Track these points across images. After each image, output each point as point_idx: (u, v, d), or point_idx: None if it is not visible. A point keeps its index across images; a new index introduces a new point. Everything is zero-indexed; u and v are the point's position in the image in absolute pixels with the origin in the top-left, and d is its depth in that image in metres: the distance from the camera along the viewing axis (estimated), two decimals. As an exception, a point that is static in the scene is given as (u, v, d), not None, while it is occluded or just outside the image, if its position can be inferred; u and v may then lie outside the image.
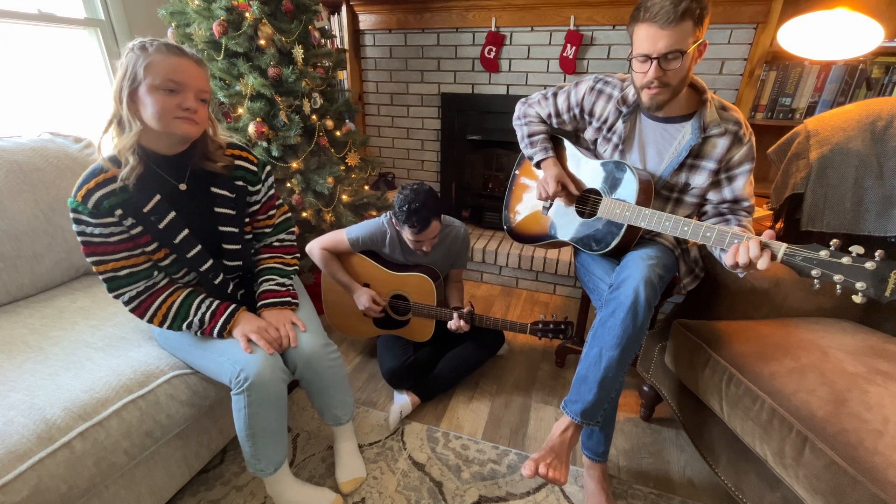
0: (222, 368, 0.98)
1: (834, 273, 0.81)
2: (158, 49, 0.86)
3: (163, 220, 0.94)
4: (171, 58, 0.86)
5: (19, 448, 0.78)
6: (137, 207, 0.91)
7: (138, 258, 0.95)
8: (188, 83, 0.88)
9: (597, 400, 1.02)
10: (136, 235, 0.93)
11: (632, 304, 1.00)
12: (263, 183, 1.10)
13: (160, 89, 0.85)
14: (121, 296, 0.96)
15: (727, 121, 1.09)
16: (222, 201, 1.03)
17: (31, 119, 1.73)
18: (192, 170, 0.99)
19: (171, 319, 0.99)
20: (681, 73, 1.00)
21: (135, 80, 0.84)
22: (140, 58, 0.84)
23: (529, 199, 1.46)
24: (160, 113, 0.86)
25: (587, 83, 1.24)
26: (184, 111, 0.87)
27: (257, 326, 1.01)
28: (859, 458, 0.78)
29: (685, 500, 1.20)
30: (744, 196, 1.12)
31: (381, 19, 2.34)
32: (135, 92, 0.85)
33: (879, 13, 1.67)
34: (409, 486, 1.22)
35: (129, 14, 1.92)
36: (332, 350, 1.12)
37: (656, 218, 1.05)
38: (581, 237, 1.27)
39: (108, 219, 0.89)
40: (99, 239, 0.90)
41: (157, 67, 0.84)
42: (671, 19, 0.92)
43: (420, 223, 1.35)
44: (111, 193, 0.89)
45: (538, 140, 1.34)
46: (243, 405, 0.96)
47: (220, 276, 1.05)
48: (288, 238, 1.20)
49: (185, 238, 0.97)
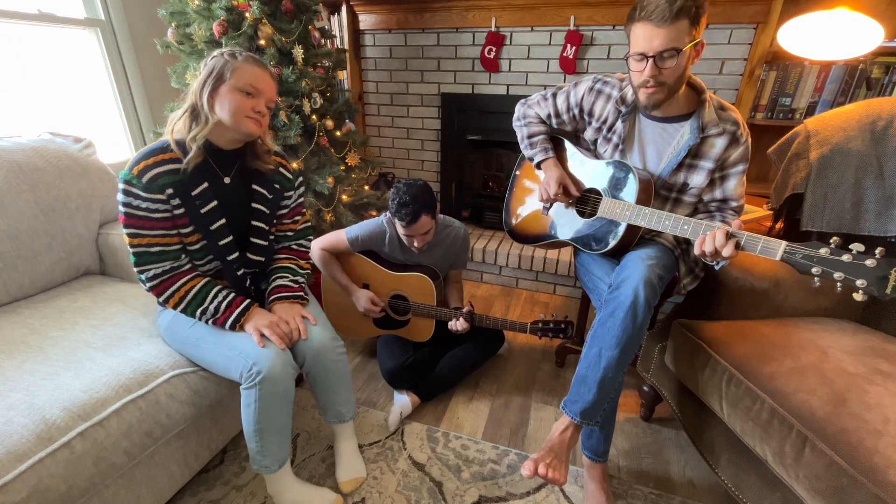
0: (233, 363, 0.99)
1: (834, 270, 0.81)
2: (246, 59, 0.98)
3: (205, 206, 1.01)
4: (255, 68, 0.99)
5: (19, 448, 0.78)
6: (187, 190, 0.98)
7: (172, 238, 1.00)
8: (264, 91, 1.00)
9: (596, 400, 1.02)
10: (178, 216, 0.99)
11: (631, 304, 1.00)
12: (296, 191, 1.20)
13: (241, 91, 0.96)
14: (145, 271, 0.99)
15: (725, 121, 1.09)
16: (260, 198, 1.11)
17: (31, 119, 1.74)
18: (239, 166, 1.08)
19: (187, 304, 1.01)
20: (677, 71, 1.00)
21: (220, 79, 0.96)
22: (229, 62, 0.96)
23: (530, 200, 1.46)
24: (236, 110, 0.96)
25: (586, 83, 1.24)
26: (255, 113, 0.99)
27: (269, 321, 1.03)
28: (859, 458, 0.78)
29: (685, 500, 1.20)
30: (733, 196, 1.15)
31: (381, 19, 2.34)
32: (216, 90, 0.96)
33: (879, 13, 1.67)
34: (409, 486, 1.22)
35: (129, 14, 1.93)
36: (339, 345, 1.14)
37: (656, 217, 1.05)
38: (581, 237, 1.27)
39: (157, 195, 0.95)
40: (143, 213, 0.96)
41: (242, 73, 0.97)
42: (666, 17, 0.93)
43: (409, 216, 1.35)
44: (167, 173, 0.96)
45: (538, 141, 1.34)
46: (254, 399, 0.97)
47: (242, 269, 1.09)
48: (305, 244, 1.27)
49: (220, 227, 1.03)
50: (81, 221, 1.37)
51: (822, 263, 0.82)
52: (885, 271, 0.76)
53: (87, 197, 1.39)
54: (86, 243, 1.39)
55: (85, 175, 1.39)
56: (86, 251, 1.39)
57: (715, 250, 0.93)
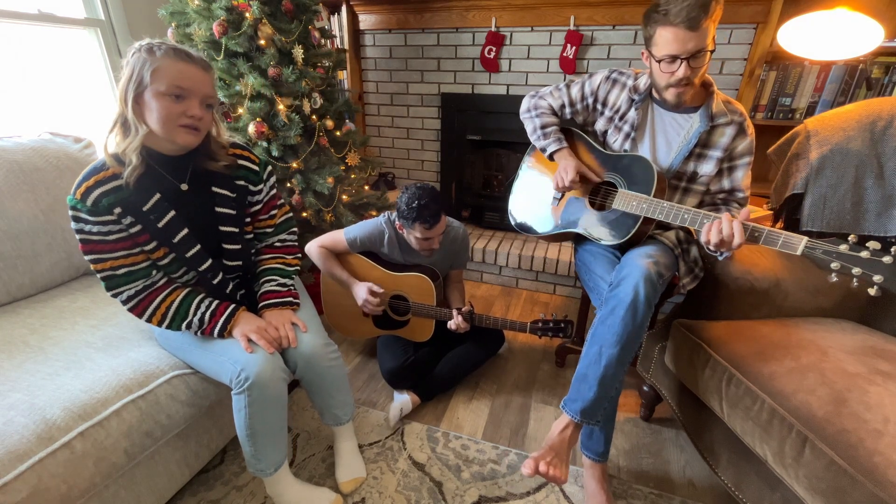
0: (223, 368, 0.98)
1: (853, 266, 0.85)
2: (166, 53, 0.85)
3: (162, 220, 0.94)
4: (178, 63, 0.86)
5: (19, 448, 0.78)
6: (136, 206, 0.91)
7: (137, 257, 0.95)
8: (194, 90, 0.88)
9: (596, 398, 1.02)
10: (135, 234, 0.93)
11: (631, 302, 1.00)
12: (265, 183, 1.10)
13: (166, 95, 0.85)
14: (118, 294, 0.95)
15: (733, 112, 1.15)
16: (223, 201, 1.03)
17: (31, 119, 1.73)
18: (193, 169, 0.99)
19: (171, 319, 0.98)
20: (703, 69, 1.06)
21: (141, 83, 0.84)
22: (147, 62, 0.84)
23: (538, 192, 1.45)
24: (164, 119, 0.86)
25: (602, 73, 1.28)
26: (188, 118, 0.88)
27: (257, 326, 1.01)
28: (859, 458, 0.78)
29: (685, 500, 1.20)
30: (740, 187, 1.18)
31: (381, 19, 2.34)
32: (140, 96, 0.85)
33: (879, 13, 1.67)
34: (409, 486, 1.22)
35: (129, 14, 1.92)
36: (332, 350, 1.12)
37: (674, 211, 1.07)
38: (594, 228, 1.26)
39: (106, 217, 0.89)
40: (97, 237, 0.90)
41: (164, 73, 0.84)
42: (700, 22, 0.97)
43: (432, 218, 1.35)
44: (110, 191, 0.88)
45: (551, 131, 1.33)
46: (244, 405, 0.96)
47: (220, 276, 1.05)
48: (289, 238, 1.20)
49: (184, 237, 0.97)
50: (81, 221, 1.37)
51: (842, 259, 0.86)
52: None
53: (87, 197, 1.38)
54: (86, 243, 1.39)
55: (85, 175, 1.39)
56: (86, 251, 1.39)
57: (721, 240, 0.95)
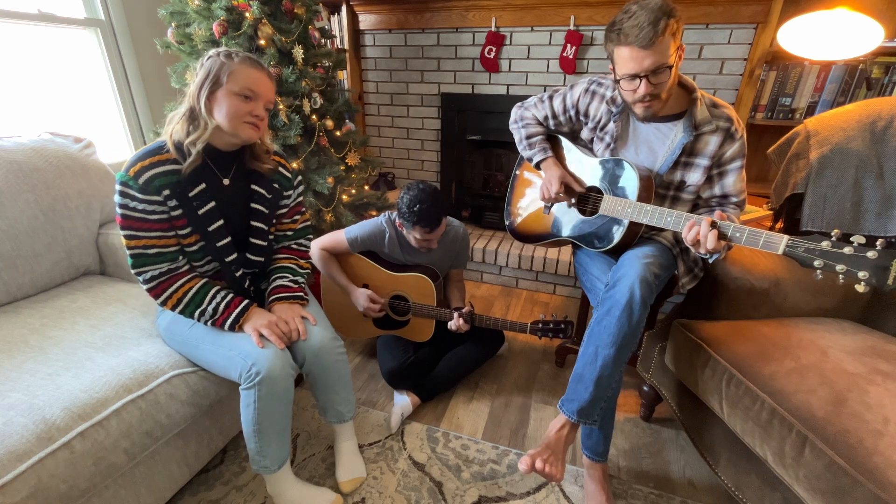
0: (232, 363, 0.99)
1: (836, 263, 0.82)
2: (242, 60, 0.96)
3: (203, 208, 1.00)
4: (251, 69, 0.96)
5: (19, 448, 0.78)
6: (184, 191, 0.97)
7: (170, 240, 1.00)
8: (261, 93, 0.98)
9: (593, 398, 1.03)
10: (175, 217, 0.98)
11: (627, 303, 1.00)
12: (294, 189, 1.19)
13: (238, 95, 0.95)
14: (143, 273, 0.99)
15: (718, 118, 1.11)
16: (259, 198, 1.10)
17: (31, 119, 1.74)
18: (238, 167, 1.07)
19: (185, 305, 1.01)
20: (669, 82, 1.02)
21: (216, 83, 0.94)
22: (225, 65, 0.94)
23: (531, 199, 1.46)
24: (233, 115, 0.95)
25: (582, 85, 1.26)
26: (253, 117, 0.97)
27: (268, 321, 1.03)
28: (859, 458, 0.78)
29: (685, 500, 1.20)
30: (733, 192, 1.15)
31: (381, 19, 2.34)
32: (213, 94, 0.95)
33: (879, 13, 1.67)
34: (409, 486, 1.22)
35: (129, 14, 1.93)
36: (339, 345, 1.14)
37: (658, 214, 1.06)
38: (583, 235, 1.27)
39: (154, 196, 0.94)
40: (139, 214, 0.95)
41: (239, 76, 0.95)
42: (651, 40, 0.94)
43: (432, 223, 1.36)
44: (165, 174, 0.95)
45: (536, 141, 1.35)
46: (253, 399, 0.97)
47: (241, 270, 1.09)
48: (305, 244, 1.26)
49: (217, 228, 1.03)
50: (81, 221, 1.37)
51: (825, 256, 0.83)
52: (887, 262, 0.77)
53: (87, 197, 1.39)
54: (86, 243, 1.39)
55: (85, 175, 1.39)
56: (86, 251, 1.39)
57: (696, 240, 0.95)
